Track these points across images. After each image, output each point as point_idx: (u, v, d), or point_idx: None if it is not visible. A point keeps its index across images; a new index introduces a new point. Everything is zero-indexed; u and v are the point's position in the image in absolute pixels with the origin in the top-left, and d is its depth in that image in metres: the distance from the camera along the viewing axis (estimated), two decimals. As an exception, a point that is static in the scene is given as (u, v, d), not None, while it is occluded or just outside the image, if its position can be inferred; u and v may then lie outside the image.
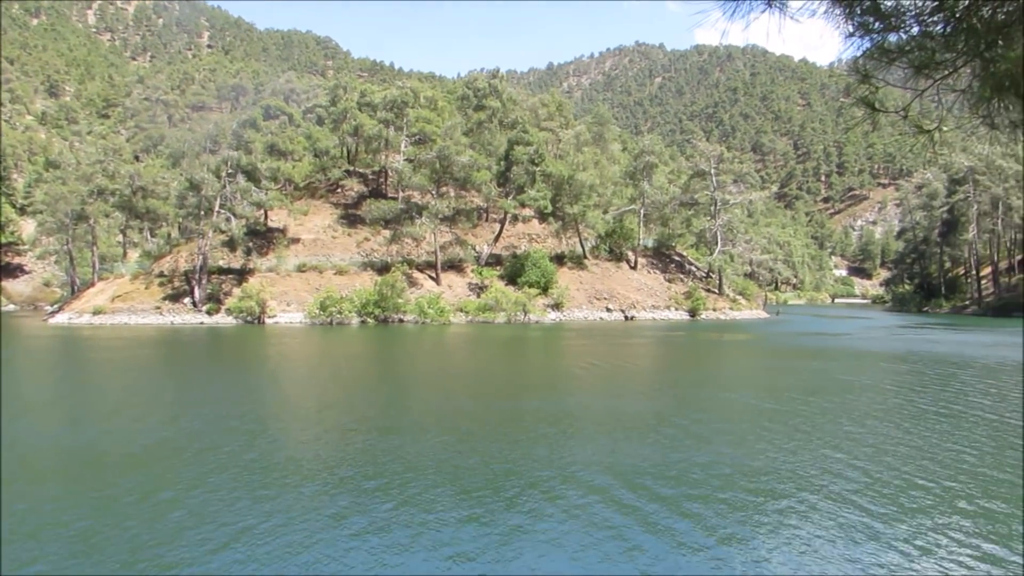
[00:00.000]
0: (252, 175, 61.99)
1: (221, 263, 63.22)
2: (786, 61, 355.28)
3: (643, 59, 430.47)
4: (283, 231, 69.92)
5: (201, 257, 59.11)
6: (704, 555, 9.03)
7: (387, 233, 67.84)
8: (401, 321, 58.20)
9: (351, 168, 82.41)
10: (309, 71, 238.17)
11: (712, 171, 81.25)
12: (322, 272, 64.38)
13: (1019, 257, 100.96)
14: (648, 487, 11.87)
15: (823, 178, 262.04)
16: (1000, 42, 3.02)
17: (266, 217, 69.69)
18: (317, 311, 57.08)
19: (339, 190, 79.67)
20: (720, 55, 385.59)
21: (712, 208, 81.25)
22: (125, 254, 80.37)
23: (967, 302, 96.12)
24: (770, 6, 3.18)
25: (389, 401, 21.54)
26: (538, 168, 69.05)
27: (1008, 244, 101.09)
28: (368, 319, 57.81)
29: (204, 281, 59.24)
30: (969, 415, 18.79)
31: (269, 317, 57.39)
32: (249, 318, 56.80)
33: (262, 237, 67.51)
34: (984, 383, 25.39)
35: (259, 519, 10.13)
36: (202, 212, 59.02)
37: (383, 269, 64.34)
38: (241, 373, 28.76)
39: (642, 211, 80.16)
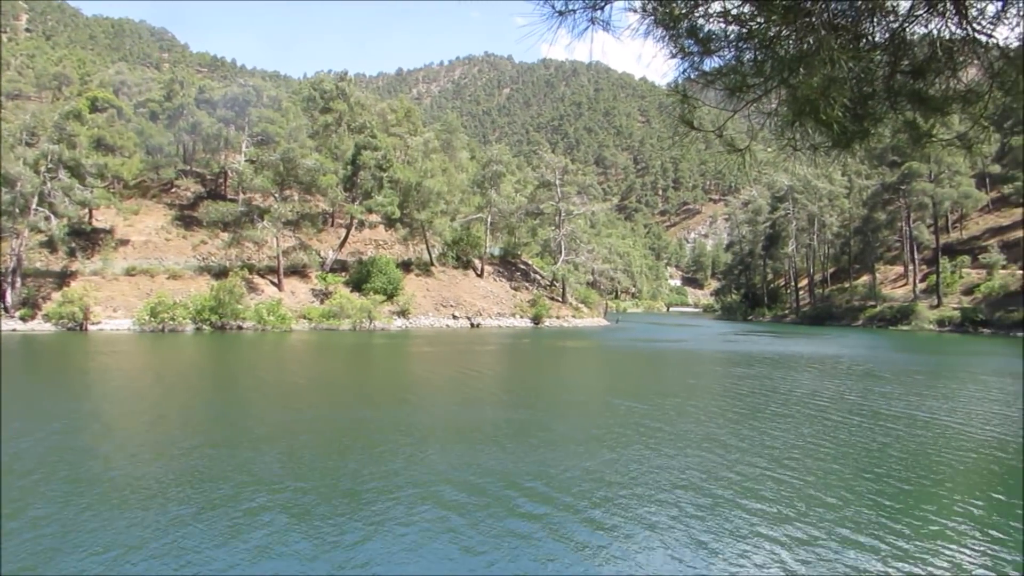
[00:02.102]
0: (76, 171, 57.65)
1: (39, 265, 58.41)
2: (627, 79, 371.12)
3: (492, 69, 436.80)
4: (111, 232, 65.54)
5: (15, 258, 54.31)
6: (565, 560, 9.25)
7: (226, 236, 65.02)
8: (240, 328, 55.95)
9: (187, 167, 78.58)
10: (142, 63, 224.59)
11: (557, 182, 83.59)
12: (154, 276, 60.84)
13: (832, 270, 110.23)
14: (504, 496, 12.03)
15: (660, 192, 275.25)
16: (802, 70, 3.32)
17: (91, 216, 65.12)
18: (148, 317, 53.83)
19: (174, 190, 75.70)
20: (566, 70, 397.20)
21: (557, 218, 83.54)
22: (-76, 254, 72.72)
23: (787, 311, 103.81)
24: (593, 24, 3.35)
25: (230, 413, 20.64)
26: (386, 174, 68.49)
27: (822, 258, 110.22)
28: (204, 326, 55.16)
29: (18, 284, 54.48)
30: (795, 414, 20.27)
31: (93, 324, 53.58)
32: (71, 325, 52.79)
33: (86, 238, 62.94)
34: (812, 384, 27.46)
35: (102, 543, 9.46)
36: (17, 210, 54.22)
37: (221, 274, 61.62)
38: (63, 386, 26.63)
39: (489, 219, 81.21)
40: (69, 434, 16.56)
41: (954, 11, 3.95)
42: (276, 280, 64.25)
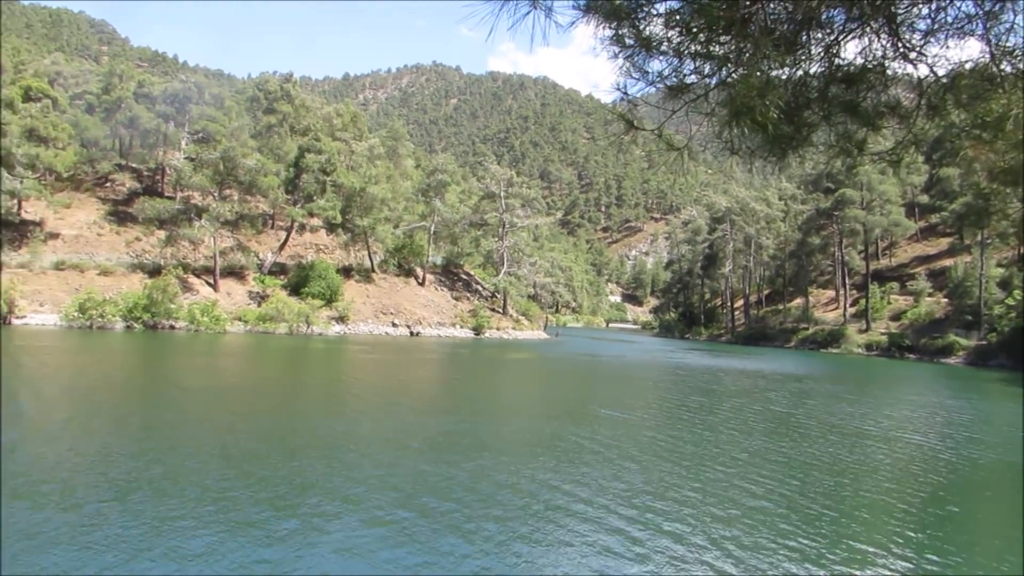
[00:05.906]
0: (6, 161, 55.70)
1: (-40, 256, 56.08)
2: (574, 95, 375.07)
3: (440, 79, 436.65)
4: (40, 224, 63.33)
5: (-65, 248, 52.12)
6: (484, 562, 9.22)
7: (162, 234, 63.29)
8: (172, 328, 54.53)
9: (124, 162, 76.52)
10: (80, 55, 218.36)
11: (502, 194, 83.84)
12: (84, 271, 58.87)
13: (767, 291, 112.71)
14: (429, 506, 11.97)
15: (603, 209, 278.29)
16: (740, 71, 3.40)
17: (20, 208, 62.85)
18: (76, 313, 52.08)
19: (109, 184, 73.57)
20: (513, 83, 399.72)
21: (500, 230, 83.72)
22: None
23: (722, 331, 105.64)
24: (535, 7, 3.35)
25: (166, 416, 20.07)
26: (329, 178, 67.79)
27: (758, 279, 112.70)
28: (135, 324, 53.59)
29: (-62, 275, 52.24)
30: (764, 431, 20.65)
31: (17, 318, 51.58)
32: (-8, 318, 50.75)
33: (14, 229, 60.66)
34: (775, 400, 28.01)
35: (42, 545, 9.09)
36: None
37: (155, 272, 59.98)
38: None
39: (432, 228, 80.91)
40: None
41: (887, 29, 4.09)
42: (212, 280, 62.87)
